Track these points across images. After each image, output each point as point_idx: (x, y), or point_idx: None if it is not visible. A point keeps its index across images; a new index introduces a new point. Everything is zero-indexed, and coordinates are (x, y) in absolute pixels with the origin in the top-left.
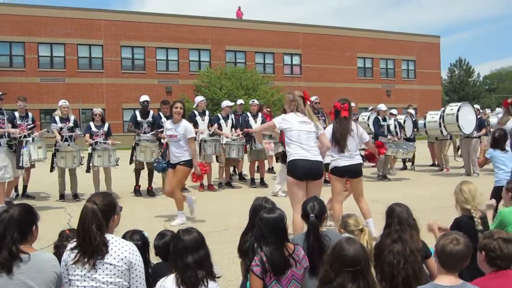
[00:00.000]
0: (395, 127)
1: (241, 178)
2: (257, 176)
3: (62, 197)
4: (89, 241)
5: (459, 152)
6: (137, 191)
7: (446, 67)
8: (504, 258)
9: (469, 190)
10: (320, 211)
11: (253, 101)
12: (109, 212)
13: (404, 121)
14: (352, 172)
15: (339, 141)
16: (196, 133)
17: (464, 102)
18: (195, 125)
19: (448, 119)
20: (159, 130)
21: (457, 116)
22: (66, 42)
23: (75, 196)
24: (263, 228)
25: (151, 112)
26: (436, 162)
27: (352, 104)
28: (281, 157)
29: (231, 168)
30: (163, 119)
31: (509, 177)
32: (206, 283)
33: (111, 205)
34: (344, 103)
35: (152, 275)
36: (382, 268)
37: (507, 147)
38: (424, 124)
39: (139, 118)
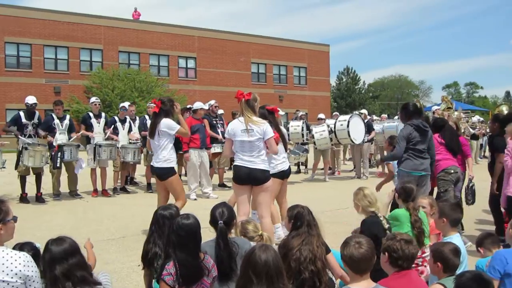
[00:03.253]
0: (302, 129)
1: (132, 182)
2: (153, 180)
3: None
4: None
5: (347, 156)
6: (24, 199)
7: (334, 75)
8: (405, 259)
9: (371, 193)
10: (229, 218)
11: (150, 103)
12: None
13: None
14: (289, 173)
15: (285, 142)
16: (90, 137)
17: (352, 115)
18: (89, 128)
19: (340, 134)
20: (46, 133)
21: (348, 132)
22: None
23: None
24: (179, 235)
25: (37, 113)
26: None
27: None
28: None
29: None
30: (56, 120)
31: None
32: None
33: None
34: (273, 107)
35: None
36: (289, 266)
37: None
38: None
39: (23, 119)
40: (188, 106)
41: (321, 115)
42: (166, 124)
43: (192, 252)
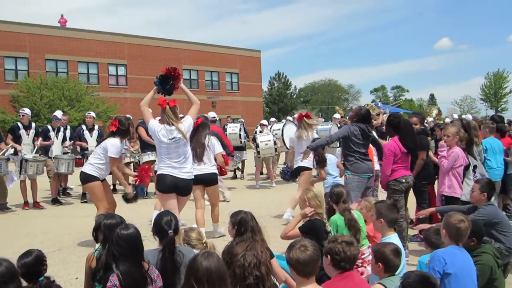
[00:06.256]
0: (240, 129)
1: (65, 193)
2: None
3: None
4: None
5: (284, 160)
6: None
7: (266, 80)
8: (348, 260)
9: (320, 194)
10: (176, 226)
11: (89, 113)
12: None
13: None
14: (205, 181)
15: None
16: (17, 150)
17: (285, 122)
18: (17, 139)
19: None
20: None
21: (283, 140)
22: None
23: None
24: (120, 246)
25: None
26: (264, 171)
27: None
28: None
29: None
30: None
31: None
32: None
33: None
34: (197, 118)
35: None
36: (234, 272)
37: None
38: (258, 147)
39: None
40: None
41: (264, 121)
42: (110, 142)
43: (134, 263)
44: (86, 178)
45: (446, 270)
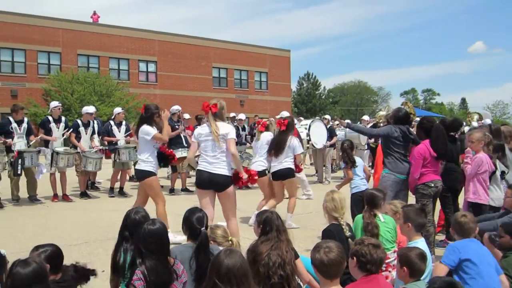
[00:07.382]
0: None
1: (93, 187)
2: (116, 185)
3: None
4: None
5: (310, 160)
6: None
7: (295, 80)
8: (374, 263)
9: (339, 199)
10: (207, 223)
11: (122, 109)
12: None
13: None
14: (282, 175)
15: (275, 150)
16: (48, 142)
17: (314, 119)
18: (48, 132)
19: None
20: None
21: (309, 135)
22: None
23: None
24: (147, 242)
25: None
26: None
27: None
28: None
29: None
30: (13, 124)
31: (365, 183)
32: None
33: None
34: (284, 120)
35: None
36: (258, 271)
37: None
38: None
39: None
40: None
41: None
42: (143, 130)
43: (160, 258)
44: (144, 175)
45: (461, 257)
